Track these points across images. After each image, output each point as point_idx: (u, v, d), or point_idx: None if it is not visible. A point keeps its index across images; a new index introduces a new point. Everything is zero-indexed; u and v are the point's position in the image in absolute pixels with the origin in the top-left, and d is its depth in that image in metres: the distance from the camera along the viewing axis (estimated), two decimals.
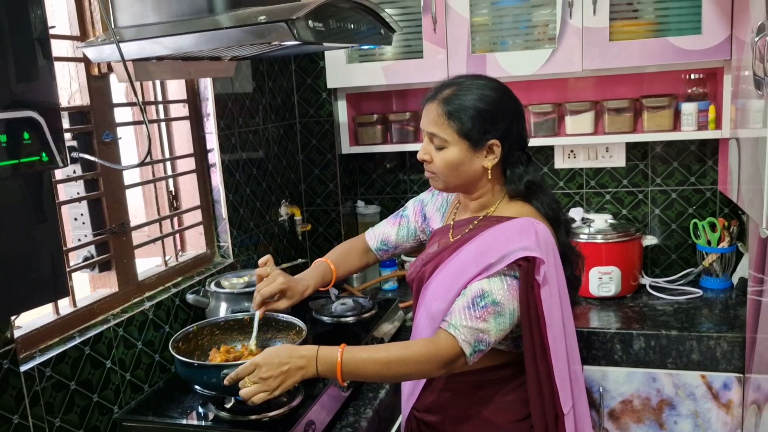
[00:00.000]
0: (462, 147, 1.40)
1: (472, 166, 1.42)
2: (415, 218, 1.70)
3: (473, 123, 1.38)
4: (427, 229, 1.69)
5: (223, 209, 2.08)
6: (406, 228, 1.71)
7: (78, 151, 1.60)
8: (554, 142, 2.43)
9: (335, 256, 1.71)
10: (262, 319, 1.52)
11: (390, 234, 1.72)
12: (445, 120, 1.40)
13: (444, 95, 1.42)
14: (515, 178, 1.45)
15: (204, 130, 2.05)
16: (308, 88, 2.55)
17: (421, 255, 1.59)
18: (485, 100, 1.40)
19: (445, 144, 1.41)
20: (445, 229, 1.57)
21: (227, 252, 2.12)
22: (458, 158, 1.41)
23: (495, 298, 1.34)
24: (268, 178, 2.35)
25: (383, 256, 1.76)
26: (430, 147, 1.45)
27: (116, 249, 1.69)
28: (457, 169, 1.42)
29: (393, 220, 1.74)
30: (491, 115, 1.40)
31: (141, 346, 1.68)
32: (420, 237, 1.72)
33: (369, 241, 1.75)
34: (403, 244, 1.73)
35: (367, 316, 2.06)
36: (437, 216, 1.66)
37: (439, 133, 1.40)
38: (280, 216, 2.44)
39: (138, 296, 1.75)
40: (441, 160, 1.42)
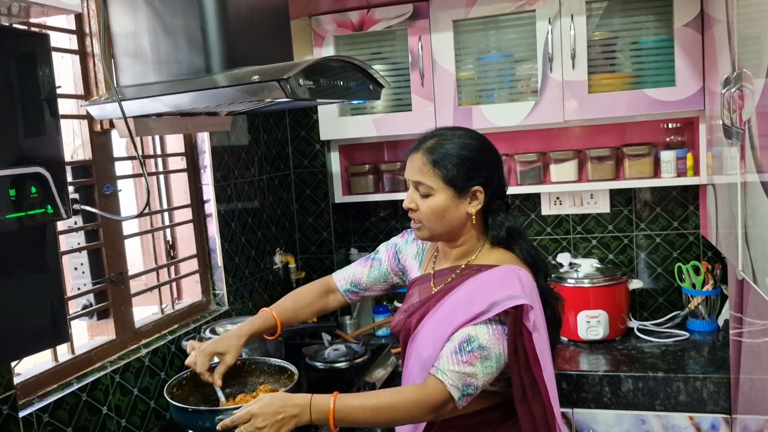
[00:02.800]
0: (447, 193, 1.47)
1: (457, 212, 1.48)
2: (389, 261, 1.73)
3: (458, 170, 1.46)
4: (402, 272, 1.72)
5: (219, 258, 2.14)
6: (378, 270, 1.73)
7: (80, 203, 1.66)
8: (540, 189, 2.51)
9: (285, 301, 1.71)
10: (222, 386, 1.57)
11: (361, 276, 1.74)
12: (430, 168, 1.47)
13: (428, 145, 1.49)
14: (497, 225, 1.52)
15: (201, 181, 2.13)
16: (302, 140, 2.64)
17: (403, 305, 1.63)
18: (467, 148, 1.48)
19: (431, 191, 1.47)
20: (424, 279, 1.62)
21: (222, 300, 2.17)
22: (444, 204, 1.47)
23: (481, 343, 1.38)
24: (263, 227, 2.42)
25: (352, 298, 1.76)
26: (415, 195, 1.51)
27: (114, 297, 1.74)
28: (443, 215, 1.49)
29: (364, 263, 1.76)
30: (474, 162, 1.47)
31: (137, 392, 1.72)
32: (392, 280, 1.73)
33: (337, 283, 1.75)
34: (374, 286, 1.74)
35: (359, 361, 2.10)
36: (414, 264, 1.70)
37: (425, 180, 1.48)
38: (274, 264, 2.50)
39: (135, 343, 1.80)
40: (427, 208, 1.49)
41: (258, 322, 1.64)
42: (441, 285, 1.55)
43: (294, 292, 1.78)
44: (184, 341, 1.86)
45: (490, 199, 1.50)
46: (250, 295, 2.30)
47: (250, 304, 2.29)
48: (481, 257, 1.53)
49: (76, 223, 1.69)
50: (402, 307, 1.63)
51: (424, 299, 1.56)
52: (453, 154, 1.46)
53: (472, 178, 1.47)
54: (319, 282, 1.80)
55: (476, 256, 1.53)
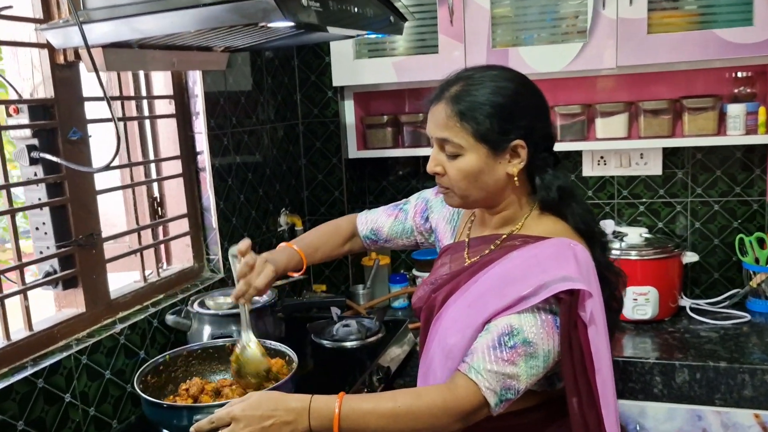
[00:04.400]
0: (480, 152, 1.17)
1: (494, 174, 1.19)
2: (414, 217, 1.48)
3: (491, 122, 1.16)
4: (428, 233, 1.48)
5: (213, 218, 1.87)
6: (402, 225, 1.50)
7: (39, 150, 1.39)
8: (583, 147, 2.19)
9: (310, 239, 1.51)
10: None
11: (383, 225, 1.51)
12: (456, 121, 1.17)
13: (452, 93, 1.19)
14: (545, 184, 1.22)
15: (193, 129, 1.83)
16: (312, 86, 2.33)
17: (429, 277, 1.36)
18: (502, 92, 1.17)
19: (460, 150, 1.18)
20: (457, 247, 1.34)
21: (217, 266, 1.90)
22: (477, 166, 1.18)
23: (527, 337, 1.10)
24: (266, 184, 2.13)
25: (370, 246, 1.56)
26: (441, 156, 1.22)
27: (83, 263, 1.47)
28: (476, 179, 1.19)
29: (390, 211, 1.53)
30: (511, 110, 1.17)
31: (109, 375, 1.46)
32: (416, 238, 1.50)
33: (359, 225, 1.54)
34: (395, 239, 1.52)
35: (372, 340, 1.83)
36: (446, 229, 1.42)
37: (452, 137, 1.18)
38: (279, 226, 2.22)
39: (109, 317, 1.53)
40: (456, 171, 1.19)
41: (283, 258, 1.38)
42: (476, 257, 1.27)
43: (320, 229, 1.56)
44: (168, 315, 1.59)
45: (534, 153, 1.20)
46: None
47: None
48: (527, 226, 1.24)
49: (36, 174, 1.41)
50: (428, 279, 1.35)
51: (454, 272, 1.28)
52: (484, 102, 1.16)
53: (510, 130, 1.17)
54: (346, 220, 1.57)
55: (522, 225, 1.24)
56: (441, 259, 1.37)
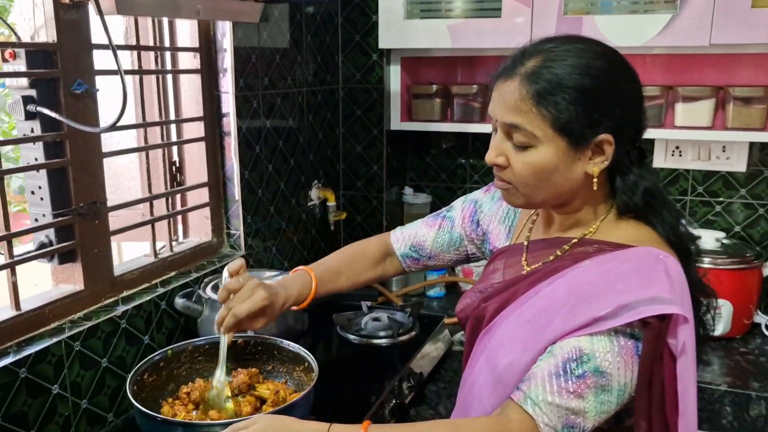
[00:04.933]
0: (558, 145, 0.95)
1: (570, 173, 0.97)
2: (463, 223, 1.26)
3: (576, 109, 0.92)
4: (480, 241, 1.26)
5: (236, 189, 1.67)
6: (449, 235, 1.27)
7: (36, 103, 1.20)
8: (657, 134, 1.92)
9: (330, 264, 1.28)
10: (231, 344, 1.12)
11: (425, 239, 1.29)
12: (532, 105, 0.94)
13: (528, 68, 0.95)
14: (628, 186, 0.99)
15: (219, 88, 1.63)
16: (356, 48, 2.10)
17: (478, 284, 1.15)
18: (592, 73, 0.94)
19: (532, 141, 0.95)
20: (514, 251, 1.12)
21: (238, 242, 1.71)
22: (551, 162, 0.96)
23: (599, 365, 0.89)
24: (299, 153, 1.92)
25: (411, 266, 1.32)
26: (505, 145, 0.99)
27: (83, 235, 1.29)
28: (548, 177, 0.97)
29: (431, 221, 1.31)
30: (602, 96, 0.94)
31: (106, 363, 1.30)
32: (467, 249, 1.28)
33: (394, 243, 1.32)
34: (442, 254, 1.29)
35: (405, 338, 1.63)
36: (500, 230, 1.20)
37: (524, 125, 0.95)
38: (310, 200, 2.02)
39: (111, 296, 1.36)
40: (525, 166, 0.97)
41: (298, 289, 1.18)
42: (538, 263, 1.06)
43: (345, 251, 1.33)
44: (178, 298, 1.42)
45: (620, 149, 0.97)
46: (275, 237, 1.84)
47: (273, 249, 1.83)
48: (603, 230, 1.02)
49: (33, 130, 1.22)
50: (477, 286, 1.15)
51: (510, 280, 1.07)
52: (569, 85, 0.93)
53: (599, 121, 0.94)
54: (378, 240, 1.34)
55: (596, 228, 1.02)
56: (493, 264, 1.16)
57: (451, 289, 2.16)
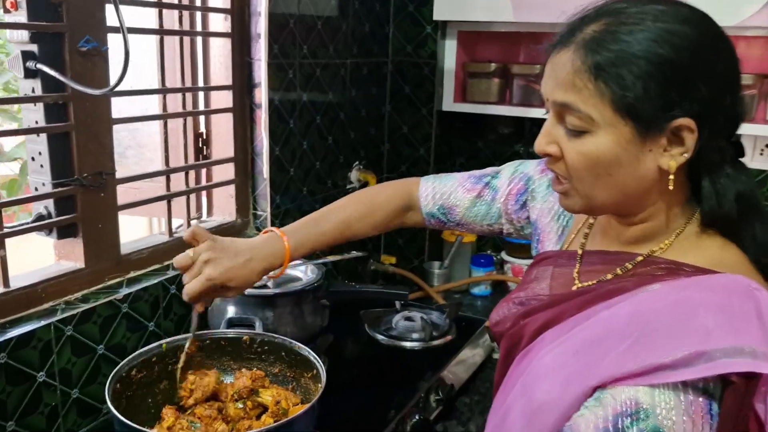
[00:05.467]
0: (621, 132, 0.75)
1: (638, 167, 0.77)
2: (506, 199, 1.08)
3: (646, 86, 0.73)
4: (521, 225, 1.08)
5: (265, 166, 1.53)
6: (487, 206, 1.10)
7: (37, 59, 1.08)
8: (747, 129, 1.67)
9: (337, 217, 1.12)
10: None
11: (459, 204, 1.11)
12: (588, 80, 0.75)
13: (588, 35, 0.76)
14: (716, 190, 0.79)
15: (251, 55, 1.49)
16: (408, 18, 1.91)
17: (518, 292, 0.97)
18: (673, 42, 0.73)
19: (588, 125, 0.76)
20: (565, 259, 0.93)
21: (264, 223, 1.57)
22: (612, 152, 0.76)
23: (659, 425, 0.70)
24: (338, 130, 1.77)
25: (434, 225, 1.17)
26: (558, 131, 0.80)
27: (86, 208, 1.18)
28: (608, 172, 0.77)
29: (470, 184, 1.12)
30: (685, 72, 0.73)
31: (102, 350, 1.18)
32: (502, 226, 1.11)
33: (421, 198, 1.14)
34: (473, 224, 1.13)
35: (438, 343, 1.46)
36: (552, 229, 1.02)
37: (577, 104, 0.76)
38: (349, 182, 1.86)
39: (116, 276, 1.25)
40: (579, 157, 0.78)
41: (265, 258, 1.03)
42: (592, 280, 0.87)
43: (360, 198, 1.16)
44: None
45: (708, 141, 0.76)
46: None
47: None
48: (679, 248, 0.82)
49: (34, 90, 1.11)
50: (516, 295, 0.97)
51: (557, 296, 0.89)
52: (639, 54, 0.73)
53: (676, 102, 0.74)
54: (403, 189, 1.17)
55: (670, 243, 0.82)
56: (536, 269, 0.97)
57: (497, 287, 1.98)
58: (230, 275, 0.98)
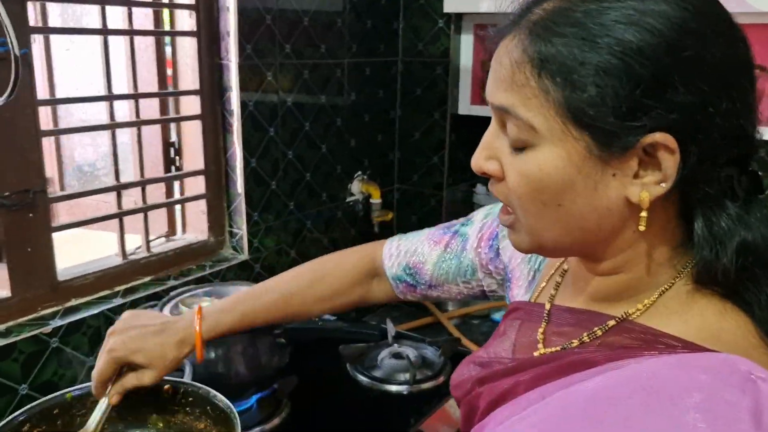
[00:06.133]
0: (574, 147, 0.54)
1: (598, 197, 0.55)
2: (478, 248, 0.89)
3: (611, 84, 0.51)
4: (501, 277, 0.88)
5: (239, 179, 1.38)
6: (456, 260, 0.91)
7: None
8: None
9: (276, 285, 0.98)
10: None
11: (424, 260, 0.94)
12: (531, 75, 0.55)
13: (536, 16, 0.56)
14: (713, 233, 0.56)
15: (220, 56, 1.33)
16: (418, 12, 1.71)
17: (481, 350, 0.77)
18: (643, 24, 0.51)
19: (530, 137, 0.56)
20: (533, 314, 0.72)
21: (241, 242, 1.42)
22: (560, 175, 0.55)
23: None
24: (334, 138, 1.59)
25: (407, 293, 0.98)
26: (500, 143, 0.60)
27: (11, 230, 1.05)
28: (558, 201, 0.56)
29: (438, 236, 0.95)
30: (659, 65, 0.51)
31: (26, 390, 1.05)
32: (482, 283, 0.91)
33: (385, 259, 0.98)
34: (446, 285, 0.94)
35: (428, 386, 1.26)
36: (523, 271, 0.82)
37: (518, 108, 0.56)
38: (350, 195, 1.69)
39: (51, 306, 1.12)
40: (520, 178, 0.57)
41: (175, 335, 0.89)
42: (556, 346, 0.66)
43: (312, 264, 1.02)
44: None
45: (700, 162, 0.53)
46: (294, 240, 1.53)
47: (292, 253, 1.53)
48: (661, 310, 0.60)
49: None
50: (477, 354, 0.78)
51: (519, 363, 0.69)
52: (597, 41, 0.52)
53: (649, 108, 0.52)
54: (364, 252, 1.02)
55: (650, 304, 0.60)
56: (506, 322, 0.77)
57: None
58: (135, 346, 0.85)
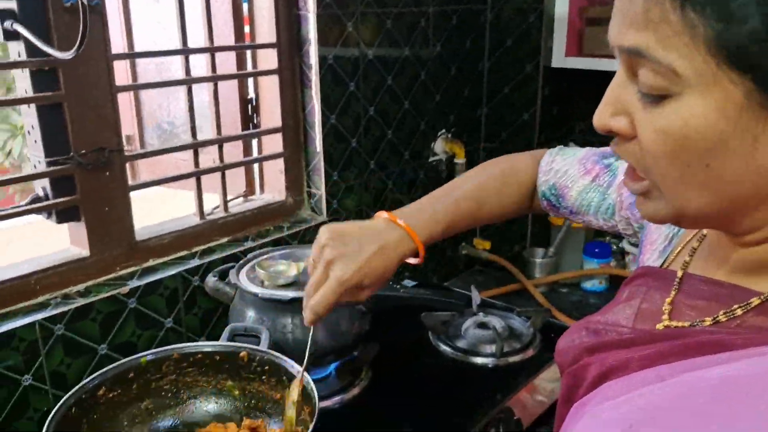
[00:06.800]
0: (728, 96, 0.43)
1: (756, 155, 0.44)
2: (621, 188, 0.80)
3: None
4: (638, 225, 0.79)
5: (318, 137, 1.31)
6: (599, 194, 0.83)
7: (16, 18, 0.93)
8: None
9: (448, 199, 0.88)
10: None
11: (571, 185, 0.86)
12: (672, 8, 0.43)
13: None
14: None
15: (299, 6, 1.26)
16: None
17: (597, 315, 0.68)
18: None
19: (672, 85, 0.44)
20: (661, 281, 0.62)
21: (320, 203, 1.36)
22: (712, 130, 0.44)
23: None
24: (418, 92, 1.50)
25: (549, 210, 0.91)
26: (628, 95, 0.48)
27: (87, 189, 1.03)
28: (706, 161, 0.45)
29: (591, 164, 0.85)
30: None
31: (105, 350, 1.05)
32: (617, 226, 0.83)
33: (540, 171, 0.90)
34: (588, 215, 0.86)
35: (515, 359, 1.17)
36: (660, 233, 0.71)
37: (654, 49, 0.44)
38: (432, 154, 1.59)
39: (129, 266, 1.10)
40: (658, 136, 0.46)
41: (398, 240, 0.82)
42: (685, 320, 0.56)
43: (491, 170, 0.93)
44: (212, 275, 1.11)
45: None
46: (375, 201, 1.46)
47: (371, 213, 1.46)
48: None
49: (20, 54, 0.97)
50: (595, 317, 0.68)
51: (638, 333, 0.60)
52: None
53: None
54: (530, 159, 0.93)
55: None
56: (629, 288, 0.67)
57: (615, 283, 1.62)
58: (364, 272, 0.78)
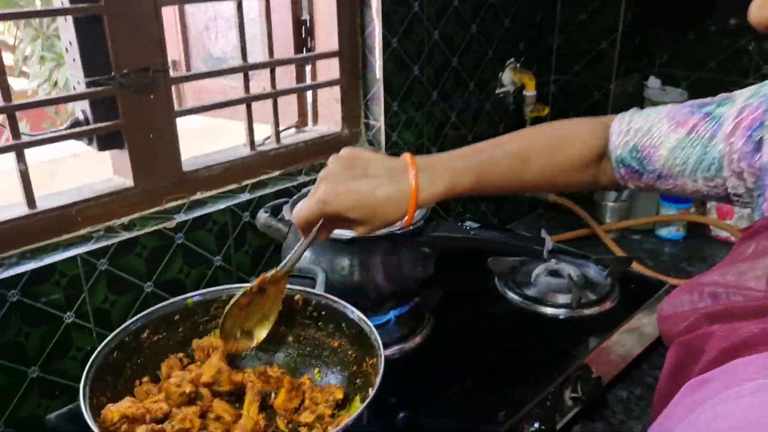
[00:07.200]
0: None
1: None
2: (731, 136, 0.68)
3: None
4: (755, 177, 0.67)
5: (378, 64, 1.19)
6: (702, 148, 0.71)
7: None
8: None
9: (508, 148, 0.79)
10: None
11: (659, 143, 0.74)
12: None
13: None
14: None
15: None
16: None
17: (711, 275, 0.57)
18: None
19: None
20: None
21: (378, 136, 1.25)
22: None
23: None
24: (487, 16, 1.35)
25: (627, 180, 0.79)
26: None
27: (131, 114, 0.94)
28: None
29: (683, 116, 0.73)
30: None
31: (151, 288, 0.98)
32: (725, 183, 0.70)
33: (612, 135, 0.78)
34: (681, 177, 0.74)
35: (592, 311, 1.07)
36: None
37: None
38: (500, 85, 1.46)
39: (177, 198, 1.02)
40: None
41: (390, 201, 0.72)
42: None
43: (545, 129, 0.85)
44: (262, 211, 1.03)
45: None
46: (437, 135, 1.35)
47: (434, 150, 1.35)
48: None
49: None
50: (708, 278, 0.58)
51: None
52: None
53: None
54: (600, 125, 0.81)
55: None
56: (755, 243, 0.57)
57: (694, 231, 1.49)
58: (351, 203, 0.70)
